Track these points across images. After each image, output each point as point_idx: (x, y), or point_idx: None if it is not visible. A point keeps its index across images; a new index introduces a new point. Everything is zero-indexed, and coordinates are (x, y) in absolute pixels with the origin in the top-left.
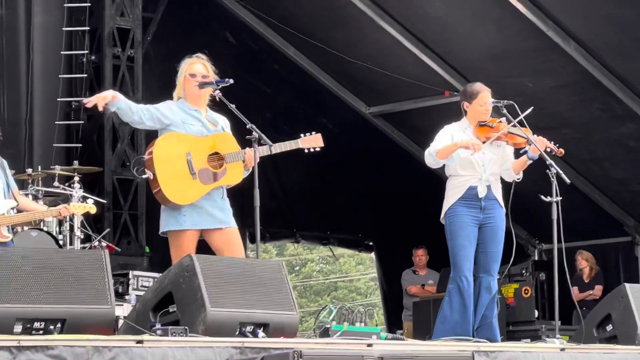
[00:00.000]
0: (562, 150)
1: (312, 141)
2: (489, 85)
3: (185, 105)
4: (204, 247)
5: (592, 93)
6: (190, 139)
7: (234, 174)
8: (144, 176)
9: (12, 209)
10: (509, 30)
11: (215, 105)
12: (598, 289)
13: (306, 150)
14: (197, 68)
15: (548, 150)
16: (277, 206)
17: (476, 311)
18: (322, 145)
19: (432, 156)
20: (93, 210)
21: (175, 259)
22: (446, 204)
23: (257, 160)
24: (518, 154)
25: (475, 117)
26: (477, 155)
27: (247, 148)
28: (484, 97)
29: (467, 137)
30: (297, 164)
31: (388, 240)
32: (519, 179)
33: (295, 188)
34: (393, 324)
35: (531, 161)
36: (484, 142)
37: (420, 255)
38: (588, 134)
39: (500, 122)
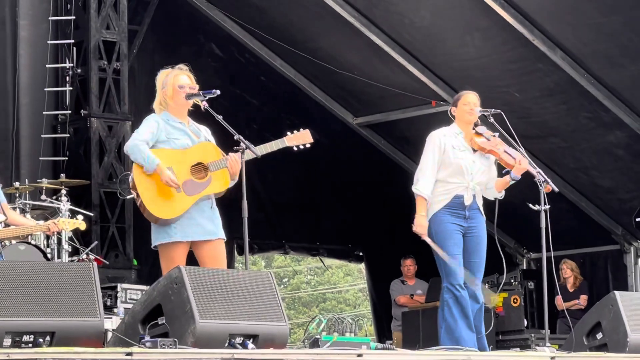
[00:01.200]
0: (550, 187)
1: (299, 138)
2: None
3: (170, 118)
4: (190, 257)
5: (579, 101)
6: (170, 154)
7: (220, 182)
8: (128, 196)
9: (0, 223)
10: (495, 40)
11: (200, 115)
12: (583, 299)
13: (295, 148)
14: (184, 79)
15: (535, 181)
16: (265, 218)
17: None
18: (312, 141)
19: (415, 188)
20: (83, 226)
21: (167, 271)
22: (430, 210)
23: (243, 167)
24: (500, 171)
25: (462, 119)
26: (467, 164)
27: (230, 153)
28: (467, 97)
29: (458, 140)
30: (285, 175)
31: (378, 250)
32: (501, 197)
33: (284, 199)
34: (383, 335)
35: (513, 182)
36: (475, 151)
37: (408, 265)
38: (575, 143)
39: (494, 136)
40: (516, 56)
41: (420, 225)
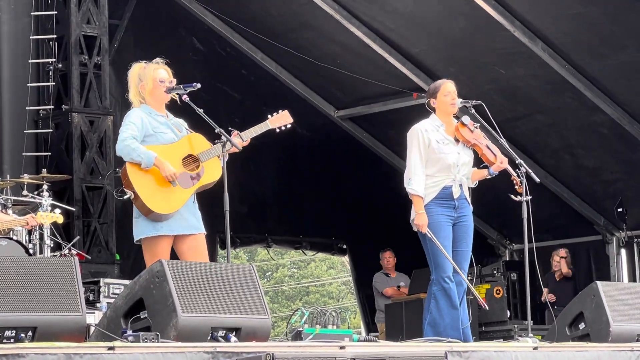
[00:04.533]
0: (523, 189)
1: (280, 119)
2: (456, 88)
3: (152, 112)
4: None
5: (561, 89)
6: (159, 149)
7: (213, 171)
8: (125, 197)
9: None
10: (477, 33)
11: (178, 109)
12: (550, 296)
13: (277, 130)
14: (162, 73)
15: (513, 181)
16: (247, 211)
17: None
18: (292, 120)
19: (409, 188)
20: (60, 219)
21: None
22: None
23: (224, 160)
24: (479, 164)
25: (444, 110)
26: (453, 159)
27: (235, 131)
28: (447, 87)
29: (440, 134)
30: (267, 168)
31: (361, 243)
32: (474, 186)
33: (266, 192)
34: (371, 327)
35: (490, 177)
36: (458, 141)
37: (388, 258)
38: (561, 119)
39: (477, 127)
40: (497, 48)
41: (420, 223)
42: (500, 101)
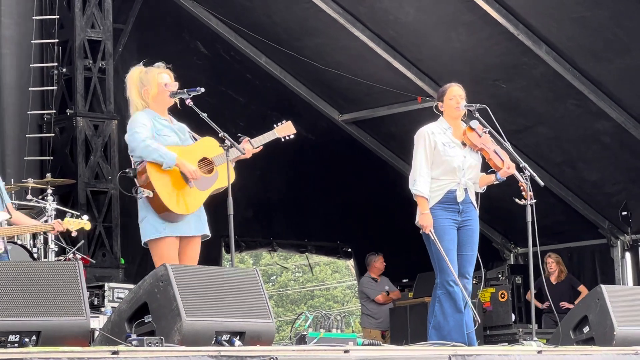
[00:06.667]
0: (531, 195)
1: (285, 129)
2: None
3: (156, 115)
4: None
5: (564, 96)
6: (177, 150)
7: (224, 176)
8: (144, 195)
9: (6, 221)
10: (480, 35)
11: (181, 113)
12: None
13: (282, 139)
14: (165, 77)
15: (520, 187)
16: (252, 215)
17: None
18: (295, 131)
19: (414, 189)
20: (88, 226)
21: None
22: None
23: (229, 164)
24: (486, 169)
25: (450, 114)
26: (458, 162)
27: (246, 138)
28: (452, 91)
29: (447, 137)
30: (272, 172)
31: (366, 246)
32: (482, 191)
33: (271, 196)
34: None
35: (497, 182)
36: (465, 145)
37: (382, 262)
38: (563, 130)
39: (485, 132)
40: (501, 50)
41: (424, 224)
42: (502, 114)
